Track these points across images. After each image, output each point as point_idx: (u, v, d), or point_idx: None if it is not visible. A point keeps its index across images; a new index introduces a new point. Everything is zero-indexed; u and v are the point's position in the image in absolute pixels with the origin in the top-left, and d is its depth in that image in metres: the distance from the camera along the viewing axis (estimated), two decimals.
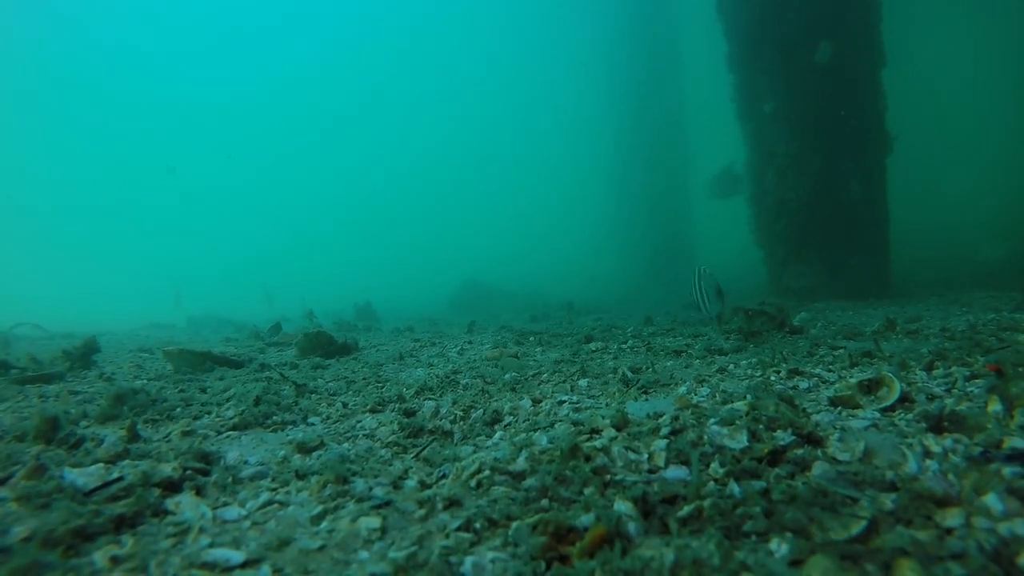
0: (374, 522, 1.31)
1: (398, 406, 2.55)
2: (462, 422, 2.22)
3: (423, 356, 4.37)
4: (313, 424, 2.37)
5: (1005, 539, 1.07)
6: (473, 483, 1.46)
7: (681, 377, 2.80)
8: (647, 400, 2.40)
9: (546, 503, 1.32)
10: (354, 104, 67.14)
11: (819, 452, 1.54)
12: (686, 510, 1.23)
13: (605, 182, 21.30)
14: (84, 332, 7.36)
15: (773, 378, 2.60)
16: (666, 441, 1.59)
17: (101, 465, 1.70)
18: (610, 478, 1.42)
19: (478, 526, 1.25)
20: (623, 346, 4.13)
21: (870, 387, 2.07)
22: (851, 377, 2.44)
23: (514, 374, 3.08)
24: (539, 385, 2.84)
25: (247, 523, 1.37)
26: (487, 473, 1.48)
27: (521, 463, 1.52)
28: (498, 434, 2.06)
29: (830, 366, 2.79)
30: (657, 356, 3.59)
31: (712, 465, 1.43)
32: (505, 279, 19.33)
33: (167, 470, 1.60)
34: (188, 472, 1.64)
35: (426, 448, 1.90)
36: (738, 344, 3.76)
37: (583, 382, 2.84)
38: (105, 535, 1.28)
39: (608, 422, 1.80)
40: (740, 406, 1.80)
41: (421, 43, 59.60)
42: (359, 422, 2.36)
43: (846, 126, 7.58)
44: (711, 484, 1.34)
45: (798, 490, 1.27)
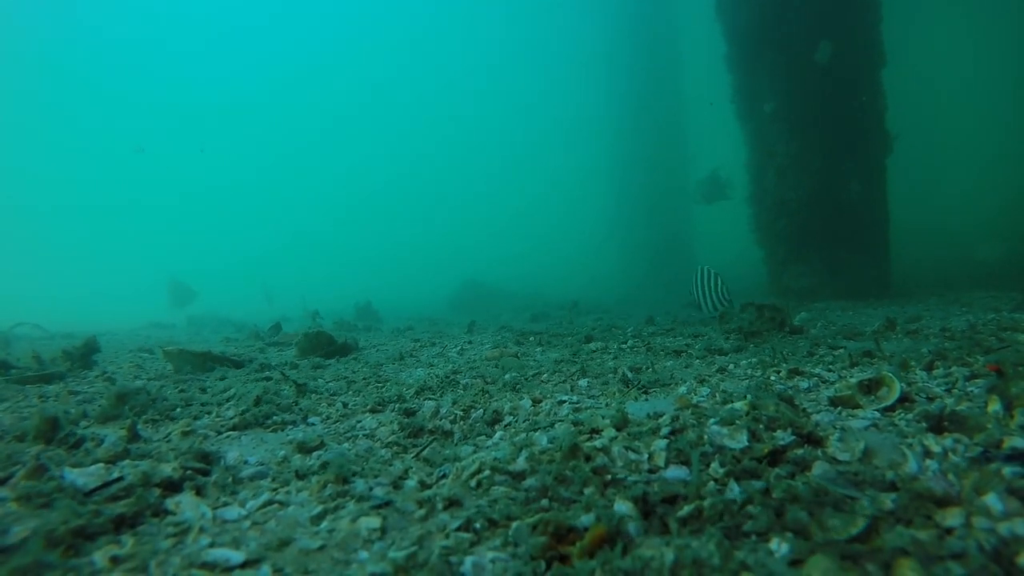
0: (374, 522, 1.31)
1: (398, 406, 2.55)
2: (462, 422, 2.22)
3: (423, 356, 4.37)
4: (313, 424, 2.37)
5: (1005, 539, 1.07)
6: (473, 483, 1.46)
7: (681, 377, 2.80)
8: (647, 400, 2.40)
9: (546, 503, 1.32)
10: (355, 104, 67.19)
11: (819, 452, 1.54)
12: (686, 510, 1.23)
13: (605, 182, 21.30)
14: (84, 332, 7.36)
15: (773, 378, 2.60)
16: (666, 441, 1.59)
17: (101, 465, 1.70)
18: (610, 478, 1.42)
19: (478, 526, 1.25)
20: (623, 346, 4.13)
21: (870, 387, 2.07)
22: (851, 377, 2.44)
23: (514, 374, 3.08)
24: (539, 385, 2.84)
25: (247, 523, 1.37)
26: (487, 473, 1.48)
27: (521, 463, 1.52)
28: (498, 434, 2.06)
29: (830, 366, 2.79)
30: (657, 356, 3.59)
31: (712, 465, 1.43)
32: (505, 279, 19.33)
33: (167, 470, 1.60)
34: (188, 472, 1.64)
35: (426, 448, 1.90)
36: (738, 344, 3.76)
37: (583, 382, 2.84)
38: (105, 535, 1.28)
39: (608, 422, 1.80)
40: (740, 406, 1.80)
41: (422, 43, 59.66)
42: (359, 422, 2.36)
43: (846, 126, 7.59)
44: (711, 484, 1.34)
45: (798, 490, 1.27)
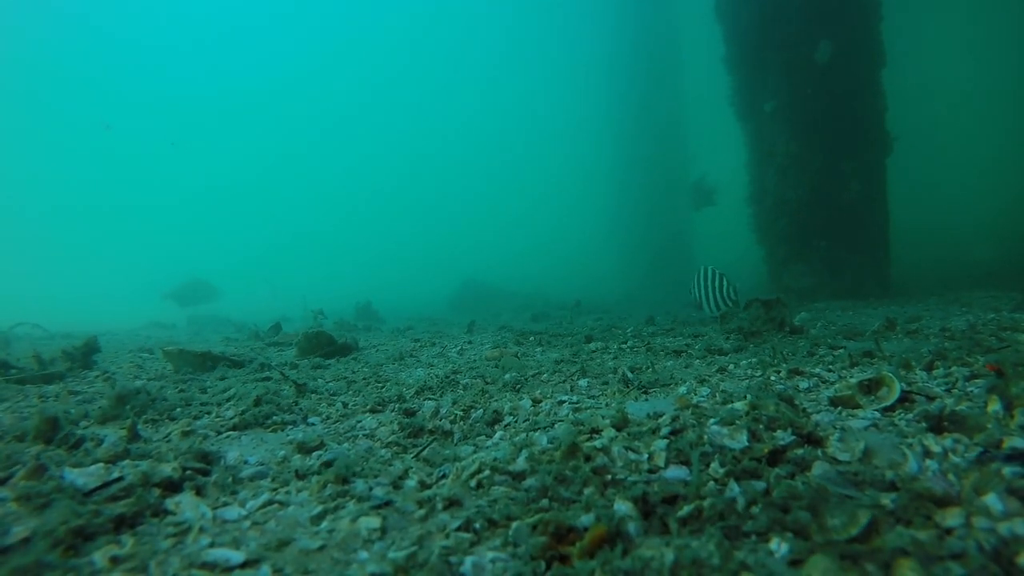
0: (374, 522, 1.31)
1: (398, 406, 2.55)
2: (462, 422, 2.22)
3: (423, 356, 4.37)
4: (313, 424, 2.37)
5: (1005, 539, 1.07)
6: (473, 483, 1.46)
7: (681, 377, 2.80)
8: (647, 400, 2.40)
9: (546, 503, 1.32)
10: (356, 104, 67.25)
11: (819, 452, 1.54)
12: (686, 510, 1.23)
13: (606, 182, 21.31)
14: (84, 332, 7.36)
15: (773, 378, 2.60)
16: (666, 441, 1.59)
17: (101, 465, 1.70)
18: (610, 478, 1.42)
19: (478, 526, 1.25)
20: (623, 346, 4.13)
21: (870, 387, 2.07)
22: (851, 377, 2.44)
23: (514, 374, 3.07)
24: (539, 385, 2.84)
25: (247, 523, 1.37)
26: (487, 473, 1.48)
27: (521, 463, 1.52)
28: (498, 434, 2.06)
29: (830, 366, 2.79)
30: (657, 356, 3.59)
31: (712, 465, 1.43)
32: (505, 279, 19.32)
33: (167, 470, 1.60)
34: (188, 472, 1.64)
35: (426, 448, 1.90)
36: (738, 344, 3.76)
37: (583, 382, 2.84)
38: (105, 535, 1.28)
39: (608, 422, 1.80)
40: (740, 406, 1.80)
41: (423, 43, 59.68)
42: (359, 422, 2.36)
43: (846, 126, 7.59)
44: (711, 484, 1.34)
45: (798, 490, 1.27)
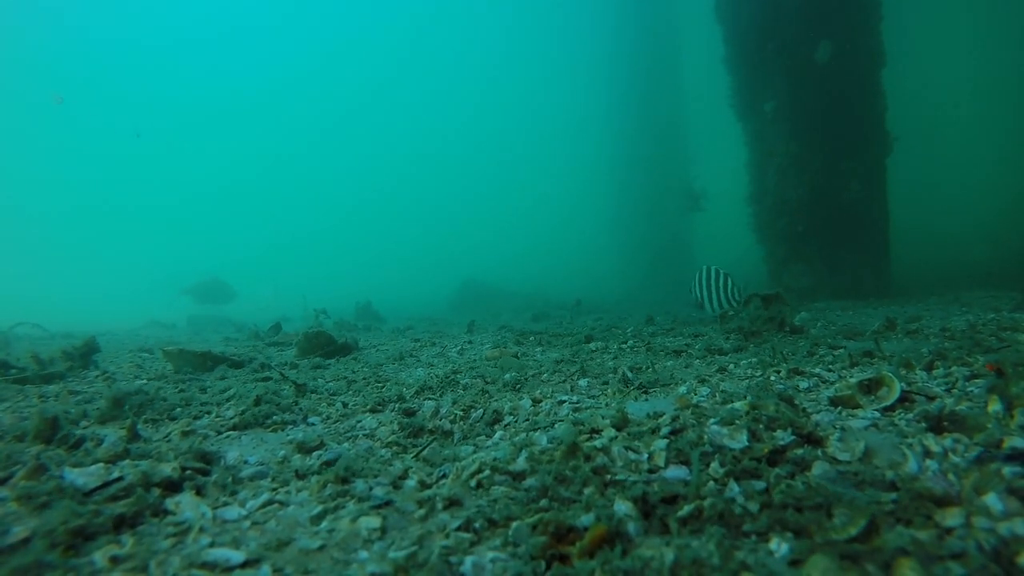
0: (374, 522, 1.31)
1: (398, 406, 2.55)
2: (462, 422, 2.22)
3: (423, 356, 4.37)
4: (313, 424, 2.37)
5: (1005, 539, 1.07)
6: (473, 483, 1.46)
7: (681, 377, 2.80)
8: (647, 400, 2.40)
9: (546, 503, 1.32)
10: (357, 104, 67.25)
11: (819, 452, 1.54)
12: (686, 510, 1.23)
13: (606, 182, 21.31)
14: (84, 332, 7.36)
15: (773, 378, 2.60)
16: (666, 441, 1.59)
17: (101, 465, 1.70)
18: (610, 478, 1.42)
19: (478, 526, 1.25)
20: (623, 346, 4.13)
21: (870, 387, 2.07)
22: (851, 377, 2.44)
23: (514, 374, 3.07)
24: (539, 385, 2.84)
25: (247, 523, 1.37)
26: (487, 473, 1.48)
27: (521, 463, 1.52)
28: (498, 434, 2.06)
29: (830, 366, 2.79)
30: (657, 356, 3.59)
31: (712, 465, 1.43)
32: (505, 279, 19.32)
33: (167, 470, 1.60)
34: (188, 472, 1.64)
35: (426, 448, 1.90)
36: (738, 344, 3.76)
37: (583, 382, 2.84)
38: (105, 535, 1.28)
39: (608, 422, 1.79)
40: (740, 406, 1.80)
41: (423, 43, 59.70)
42: (359, 422, 2.36)
43: (846, 126, 7.59)
44: (711, 484, 1.34)
45: (798, 490, 1.27)
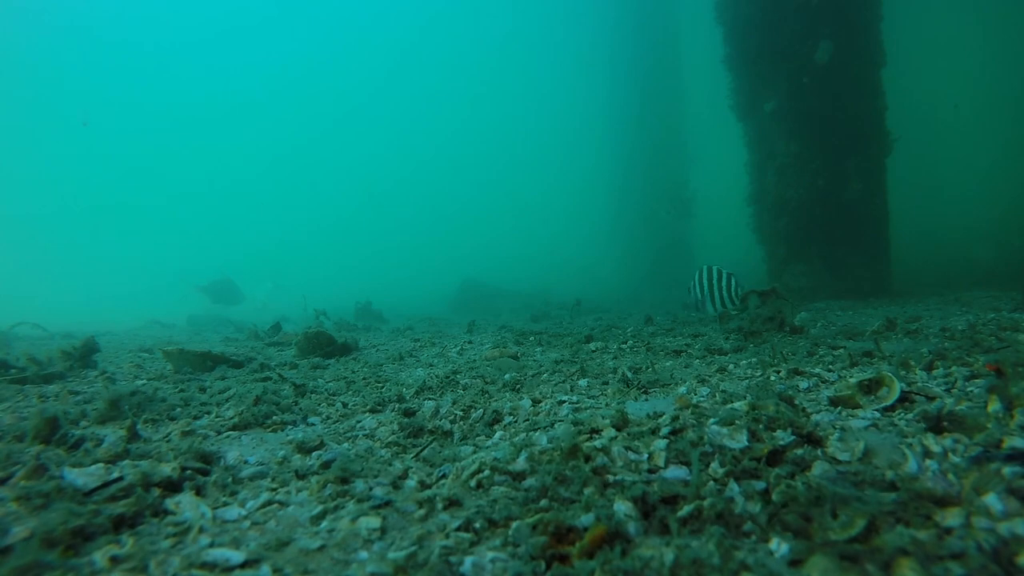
0: (374, 522, 1.31)
1: (398, 406, 2.55)
2: (462, 422, 2.22)
3: (423, 356, 4.37)
4: (313, 424, 2.37)
5: (1005, 539, 1.07)
6: (473, 483, 1.46)
7: (681, 377, 2.80)
8: (647, 400, 2.40)
9: (546, 503, 1.32)
10: (357, 104, 67.27)
11: (819, 452, 1.54)
12: (686, 510, 1.23)
13: (606, 183, 21.30)
14: (84, 331, 7.36)
15: (773, 378, 2.60)
16: (666, 441, 1.59)
17: (101, 465, 1.70)
18: (610, 478, 1.42)
19: (478, 526, 1.24)
20: (623, 346, 4.13)
21: (870, 387, 2.06)
22: (851, 377, 2.43)
23: (514, 374, 3.07)
24: (539, 385, 2.84)
25: (247, 523, 1.37)
26: (487, 473, 1.48)
27: (521, 463, 1.52)
28: (498, 434, 2.06)
29: (830, 366, 2.79)
30: (657, 356, 3.59)
31: (712, 465, 1.43)
32: (505, 279, 19.31)
33: (167, 470, 1.60)
34: (188, 472, 1.64)
35: (426, 448, 1.90)
36: (738, 344, 3.77)
37: (583, 382, 2.84)
38: (105, 535, 1.28)
39: (608, 422, 1.79)
40: (740, 406, 1.80)
41: (424, 43, 59.71)
42: (359, 422, 2.36)
43: (846, 126, 7.58)
44: (711, 484, 1.34)
45: (798, 490, 1.27)
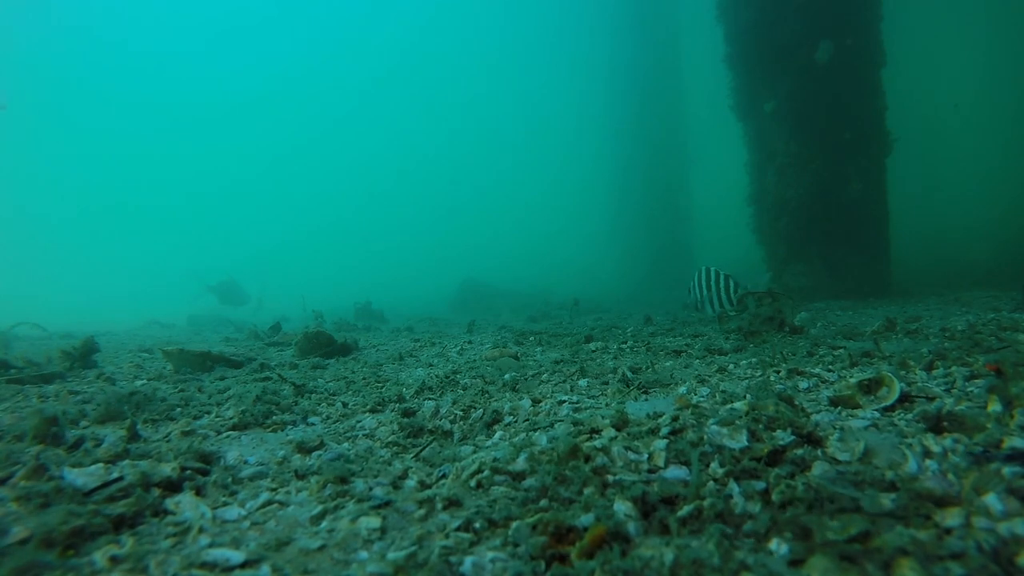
0: (374, 522, 1.31)
1: (398, 406, 2.55)
2: (462, 422, 2.22)
3: (423, 356, 4.37)
4: (313, 424, 2.37)
5: (1005, 539, 1.07)
6: (473, 483, 1.46)
7: (681, 377, 2.80)
8: (647, 400, 2.40)
9: (546, 503, 1.32)
10: (356, 103, 67.26)
11: (819, 452, 1.54)
12: (686, 510, 1.23)
13: (606, 183, 21.29)
14: (84, 332, 7.35)
15: (773, 378, 2.60)
16: (666, 441, 1.59)
17: (101, 465, 1.70)
18: (610, 478, 1.42)
19: (478, 526, 1.24)
20: (623, 346, 4.13)
21: (870, 387, 2.06)
22: (851, 377, 2.43)
23: (514, 374, 3.07)
24: (539, 385, 2.84)
25: (247, 523, 1.37)
26: (487, 473, 1.48)
27: (521, 463, 1.52)
28: (498, 434, 2.06)
29: (830, 366, 2.79)
30: (657, 356, 3.59)
31: (712, 465, 1.43)
32: (506, 279, 19.32)
33: (167, 470, 1.60)
34: (188, 472, 1.64)
35: (426, 448, 1.90)
36: (738, 344, 3.76)
37: (583, 382, 2.84)
38: (105, 535, 1.28)
39: (608, 422, 1.79)
40: (740, 406, 1.79)
41: (423, 43, 59.69)
42: (359, 422, 2.36)
43: (846, 126, 7.59)
44: (711, 484, 1.34)
45: (798, 490, 1.27)
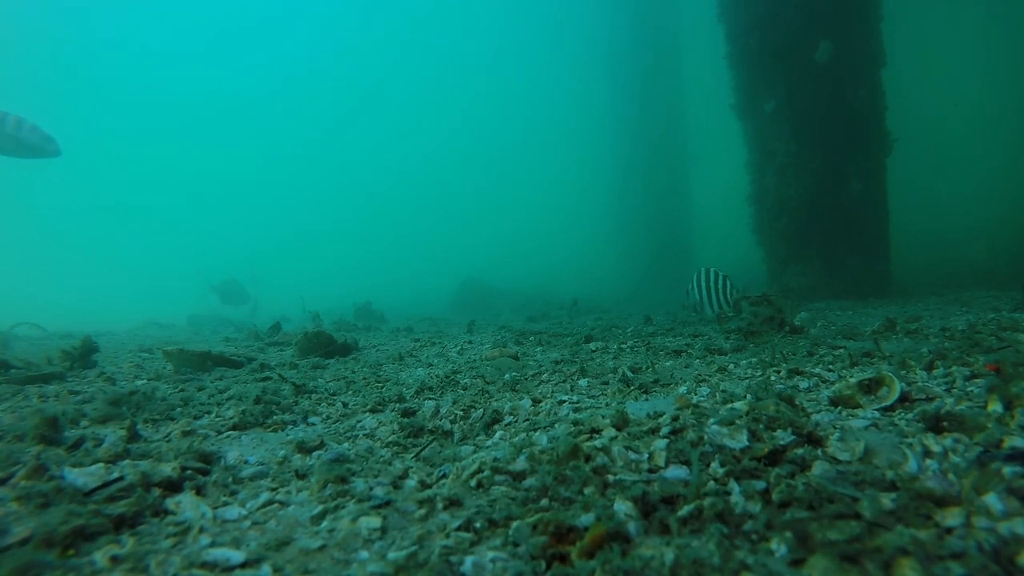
0: (374, 522, 1.31)
1: (398, 406, 2.55)
2: (462, 422, 2.22)
3: (423, 356, 4.37)
4: (313, 424, 2.37)
5: (1005, 538, 1.07)
6: (473, 483, 1.46)
7: (681, 377, 2.80)
8: (647, 400, 2.40)
9: (546, 503, 1.32)
10: (356, 103, 67.23)
11: (819, 452, 1.54)
12: (686, 510, 1.23)
13: (606, 182, 21.30)
14: (83, 332, 7.35)
15: (773, 378, 2.60)
16: (666, 441, 1.59)
17: (101, 465, 1.70)
18: (610, 478, 1.42)
19: (478, 526, 1.24)
20: (623, 346, 4.13)
21: (870, 387, 2.06)
22: (851, 377, 2.43)
23: (514, 374, 3.07)
24: (539, 385, 2.84)
25: (247, 523, 1.37)
26: (487, 473, 1.48)
27: (521, 463, 1.52)
28: (498, 434, 2.06)
29: (830, 366, 2.79)
30: (657, 356, 3.59)
31: (712, 465, 1.43)
32: (506, 279, 19.33)
33: (167, 470, 1.60)
34: (188, 472, 1.64)
35: (426, 448, 1.90)
36: (738, 344, 3.77)
37: (583, 382, 2.84)
38: (105, 535, 1.28)
39: (608, 422, 1.79)
40: (740, 406, 1.79)
41: (423, 42, 59.62)
42: (359, 422, 2.36)
43: (846, 126, 7.59)
44: (711, 484, 1.34)
45: (798, 490, 1.27)
